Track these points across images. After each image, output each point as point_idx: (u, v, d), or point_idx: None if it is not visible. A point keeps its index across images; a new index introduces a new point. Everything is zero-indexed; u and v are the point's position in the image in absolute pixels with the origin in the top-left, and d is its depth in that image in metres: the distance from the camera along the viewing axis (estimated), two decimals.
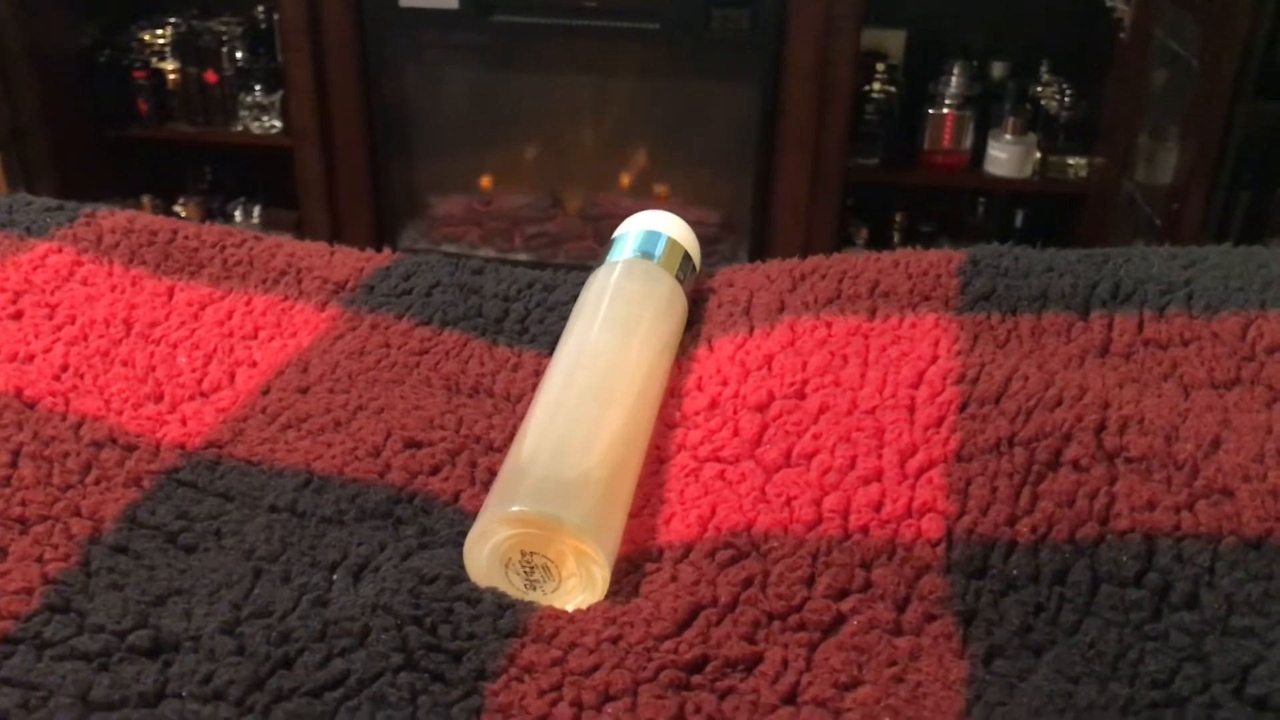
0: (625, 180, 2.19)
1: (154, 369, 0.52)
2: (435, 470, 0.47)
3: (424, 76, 2.18)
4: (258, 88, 2.22)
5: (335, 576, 0.40)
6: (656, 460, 0.48)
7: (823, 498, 0.43)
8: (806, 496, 0.44)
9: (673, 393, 0.52)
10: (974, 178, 2.14)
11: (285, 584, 0.39)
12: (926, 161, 2.13)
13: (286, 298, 0.59)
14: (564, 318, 0.58)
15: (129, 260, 0.59)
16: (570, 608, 0.40)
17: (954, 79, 2.08)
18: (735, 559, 0.42)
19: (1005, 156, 2.12)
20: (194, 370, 0.52)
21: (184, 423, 0.49)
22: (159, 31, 2.22)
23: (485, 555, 0.41)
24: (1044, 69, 2.13)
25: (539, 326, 0.58)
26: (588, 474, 0.44)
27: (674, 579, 0.41)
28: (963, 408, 0.46)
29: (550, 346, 0.56)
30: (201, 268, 0.60)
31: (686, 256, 0.58)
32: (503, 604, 0.38)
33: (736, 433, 0.48)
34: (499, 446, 0.49)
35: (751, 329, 0.54)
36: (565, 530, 0.41)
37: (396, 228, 2.24)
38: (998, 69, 2.13)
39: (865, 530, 0.42)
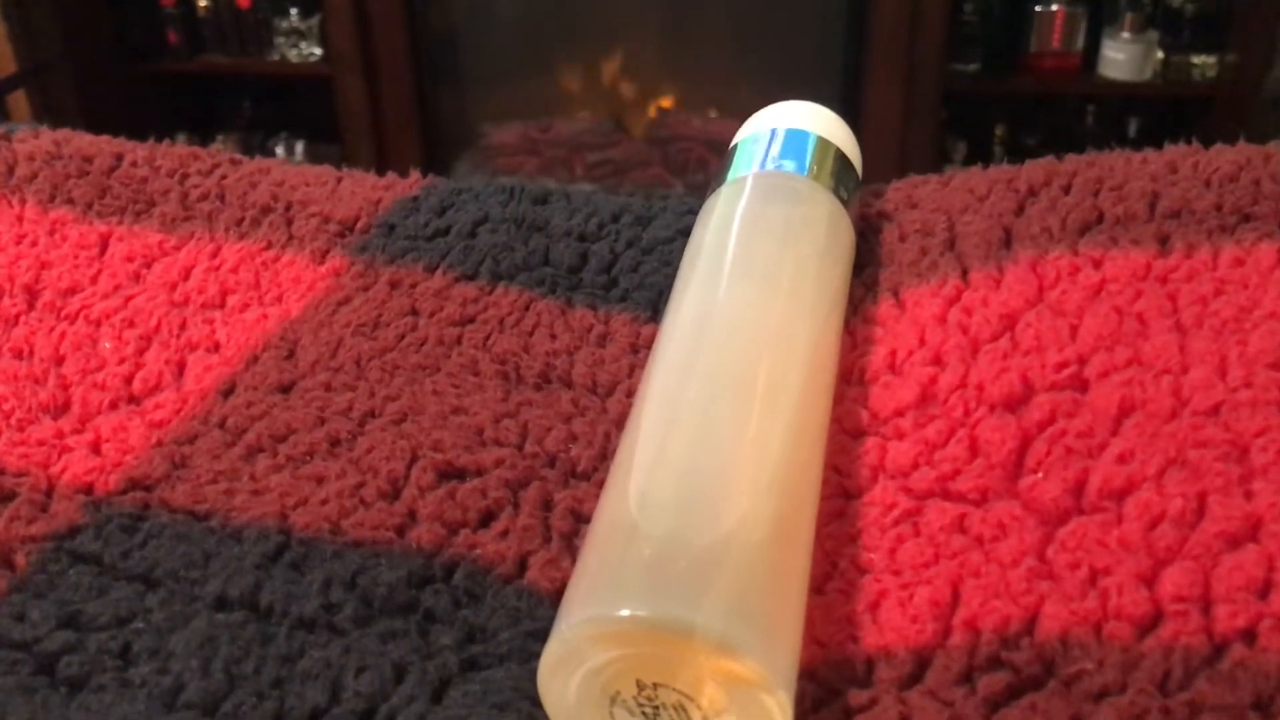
0: (691, 99, 1.98)
1: (60, 362, 0.34)
2: (487, 519, 0.29)
3: None
4: (294, 11, 2.03)
5: None
6: (839, 493, 0.30)
7: (1157, 572, 0.25)
8: (1126, 569, 0.25)
9: (849, 377, 0.34)
10: (1086, 83, 1.91)
11: None
12: (1033, 65, 1.89)
13: (270, 245, 0.41)
14: (668, 263, 0.40)
15: (49, 198, 0.42)
16: None
17: None
18: (1015, 689, 0.24)
19: (1122, 57, 1.88)
20: (121, 362, 0.35)
21: (96, 449, 0.31)
22: None
23: (575, 688, 0.24)
24: None
25: (633, 276, 0.40)
26: (735, 534, 0.25)
27: None
28: None
29: (651, 306, 0.38)
30: (152, 205, 0.42)
31: (845, 164, 0.39)
32: None
33: (976, 449, 0.29)
34: (585, 472, 0.31)
35: (965, 273, 0.35)
36: (703, 643, 0.23)
37: (448, 159, 2.06)
38: None
39: (1249, 637, 0.24)
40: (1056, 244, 0.35)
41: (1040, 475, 0.28)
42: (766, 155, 0.38)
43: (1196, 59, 1.86)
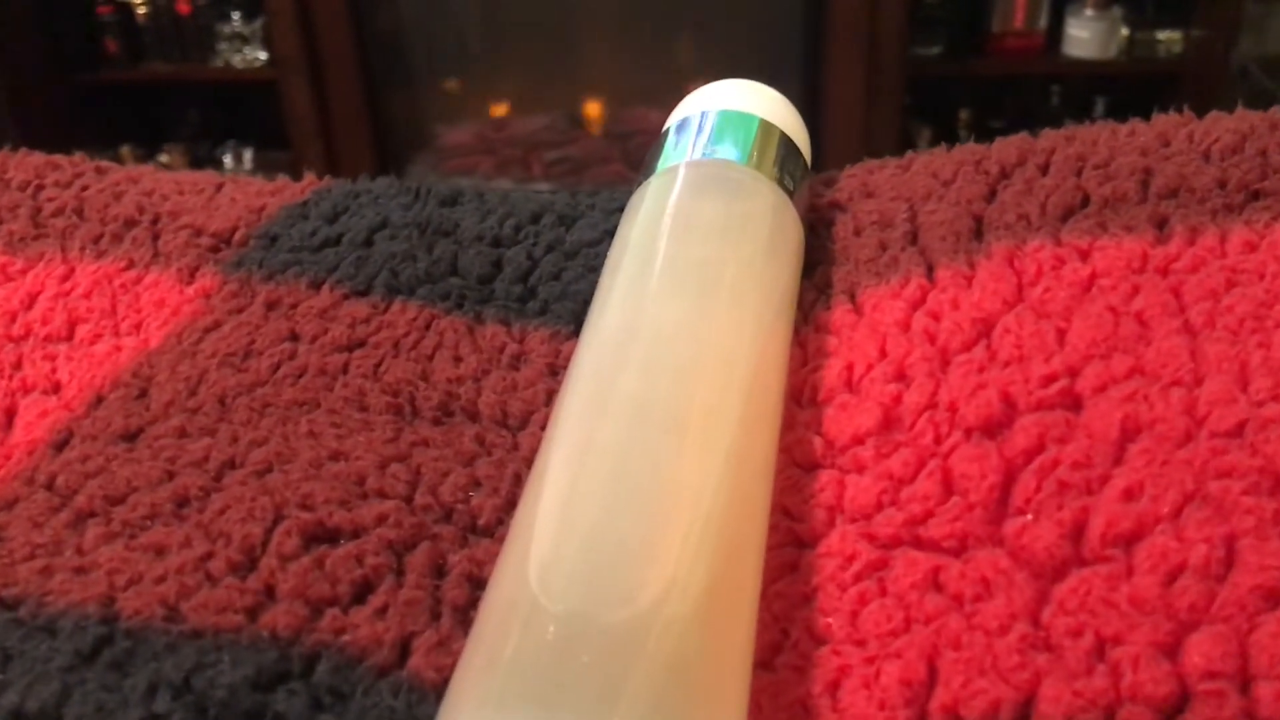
0: (650, 91, 1.92)
1: None
2: (363, 593, 0.24)
3: None
4: (235, 15, 1.97)
5: None
6: (790, 540, 0.25)
7: (1181, 639, 0.20)
8: (1142, 637, 0.20)
9: (799, 398, 0.29)
10: (1050, 62, 1.87)
11: None
12: (996, 47, 1.85)
13: (131, 264, 0.35)
14: (594, 269, 0.35)
15: None
16: None
17: None
18: None
19: (1087, 35, 1.84)
20: None
21: None
22: None
23: None
24: None
25: (553, 285, 0.34)
26: (660, 607, 0.20)
27: None
28: None
29: (575, 319, 0.33)
30: None
31: (791, 150, 0.34)
32: None
33: (951, 484, 0.24)
34: (488, 526, 0.26)
35: (931, 270, 0.30)
36: None
37: (402, 162, 2.00)
38: None
39: None
40: (1036, 233, 0.29)
41: (1029, 517, 0.23)
42: (699, 141, 0.33)
43: (1161, 35, 1.83)
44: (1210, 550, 0.21)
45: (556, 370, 0.31)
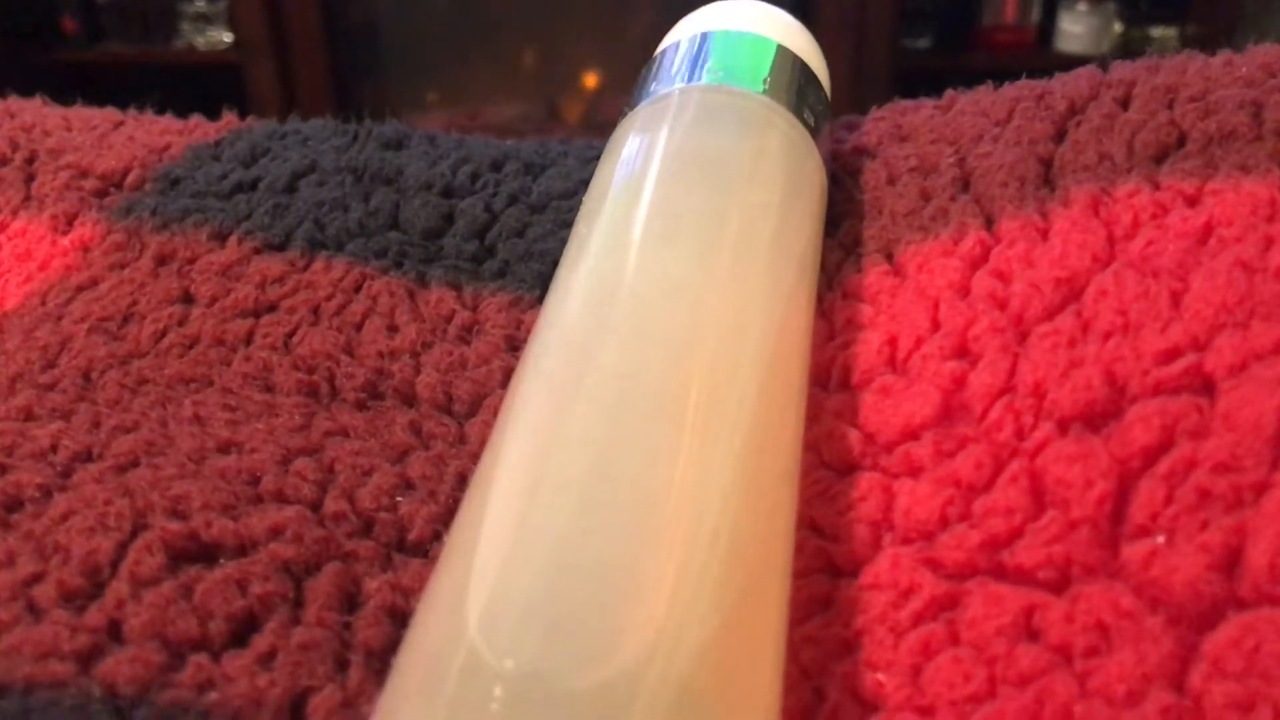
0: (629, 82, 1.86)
1: None
2: (244, 632, 0.18)
3: None
4: None
5: None
6: (822, 567, 0.19)
7: None
8: None
9: (825, 381, 0.22)
10: (1041, 57, 1.82)
11: None
12: (986, 41, 1.81)
13: None
14: (567, 224, 0.28)
15: None
16: None
17: None
18: None
19: (1080, 30, 1.80)
20: None
21: None
22: None
23: None
24: None
25: (516, 244, 0.28)
26: (647, 667, 0.14)
27: None
28: None
29: (541, 283, 0.27)
30: None
31: (811, 79, 0.28)
32: None
33: (1043, 493, 0.18)
34: (421, 542, 0.20)
35: (990, 222, 0.24)
36: None
37: None
38: None
39: None
40: (1125, 176, 0.23)
41: (1160, 539, 0.17)
42: (699, 64, 0.27)
43: (1156, 31, 1.79)
44: None
45: (516, 345, 0.25)
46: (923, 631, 0.17)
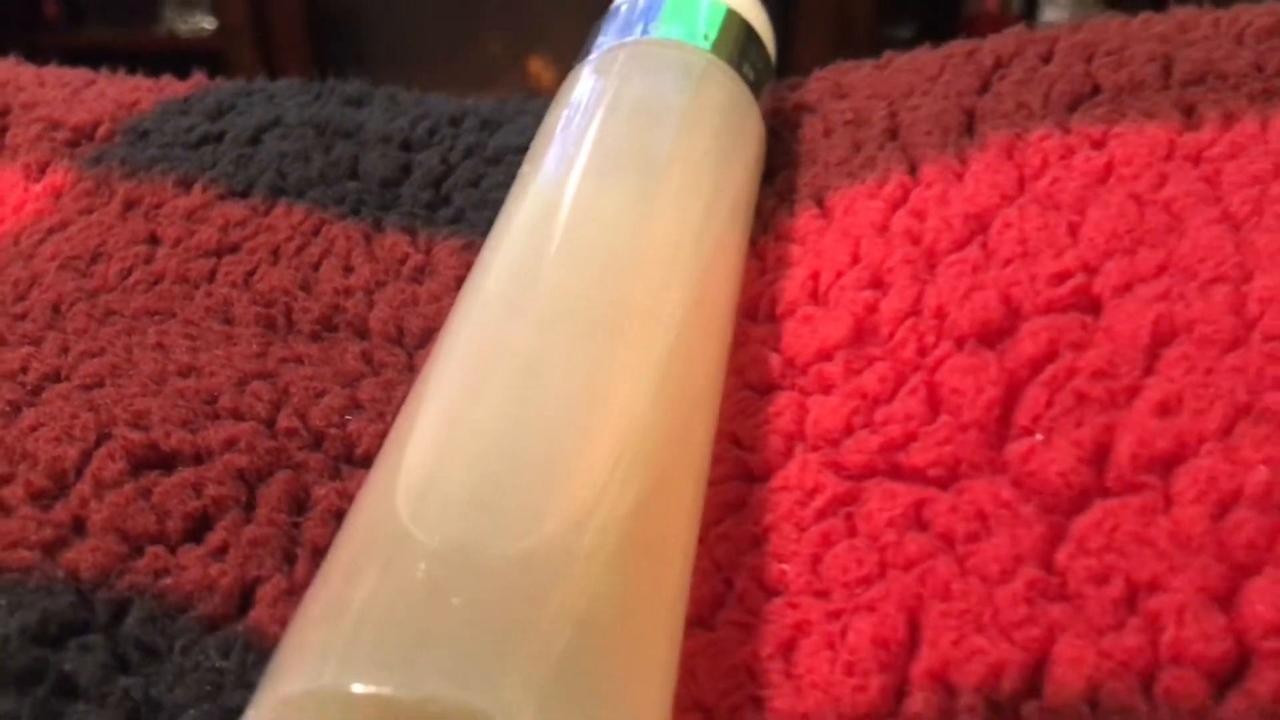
0: None
1: None
2: (199, 529, 0.19)
3: None
4: None
5: None
6: (738, 473, 0.20)
7: (1237, 586, 0.15)
8: (1187, 583, 0.15)
9: (754, 313, 0.24)
10: None
11: None
12: (969, 28, 1.82)
13: None
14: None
15: None
16: None
17: None
18: None
19: (1062, 18, 1.82)
20: None
21: None
22: None
23: None
24: None
25: (470, 193, 0.29)
26: (567, 541, 0.15)
27: None
28: None
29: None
30: None
31: (753, 39, 0.29)
32: None
33: (938, 402, 0.19)
34: (367, 455, 0.21)
35: (914, 167, 0.25)
36: None
37: None
38: None
39: None
40: (1038, 121, 0.25)
41: (1039, 437, 0.18)
42: (646, 21, 0.28)
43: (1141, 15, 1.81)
44: (1272, 475, 0.16)
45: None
46: (824, 526, 0.18)
